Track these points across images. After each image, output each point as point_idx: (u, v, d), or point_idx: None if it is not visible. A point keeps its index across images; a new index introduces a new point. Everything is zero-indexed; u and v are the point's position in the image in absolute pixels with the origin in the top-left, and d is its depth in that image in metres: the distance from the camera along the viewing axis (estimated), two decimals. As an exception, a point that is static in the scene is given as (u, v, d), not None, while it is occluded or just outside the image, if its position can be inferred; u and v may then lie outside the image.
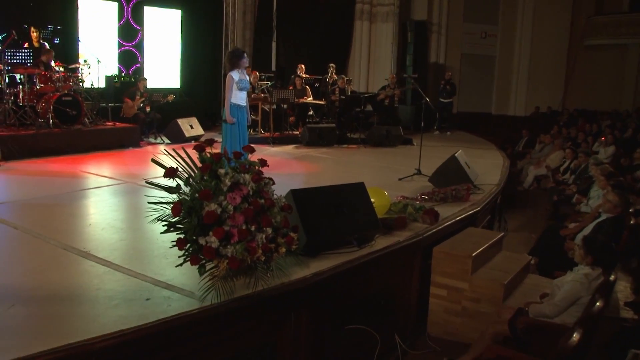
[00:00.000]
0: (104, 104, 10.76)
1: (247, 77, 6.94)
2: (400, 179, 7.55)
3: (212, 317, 3.10)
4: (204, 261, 3.22)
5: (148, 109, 10.91)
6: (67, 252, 4.06)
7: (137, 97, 10.75)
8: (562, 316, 3.92)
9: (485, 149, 11.86)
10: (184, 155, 3.36)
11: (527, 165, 12.67)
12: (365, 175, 8.26)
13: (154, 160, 3.36)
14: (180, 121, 10.76)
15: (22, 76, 9.20)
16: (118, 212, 5.41)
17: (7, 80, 9.35)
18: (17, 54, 9.92)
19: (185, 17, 14.10)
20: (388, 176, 7.92)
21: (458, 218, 5.57)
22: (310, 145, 10.72)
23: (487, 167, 8.84)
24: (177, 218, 3.20)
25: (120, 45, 12.83)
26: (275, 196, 3.59)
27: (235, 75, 6.64)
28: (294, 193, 4.01)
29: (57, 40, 11.32)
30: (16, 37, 9.49)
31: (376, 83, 16.27)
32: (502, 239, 5.67)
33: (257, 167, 3.57)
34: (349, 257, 4.07)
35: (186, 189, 3.31)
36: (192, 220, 3.17)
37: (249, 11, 15.07)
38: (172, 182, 3.33)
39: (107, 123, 10.19)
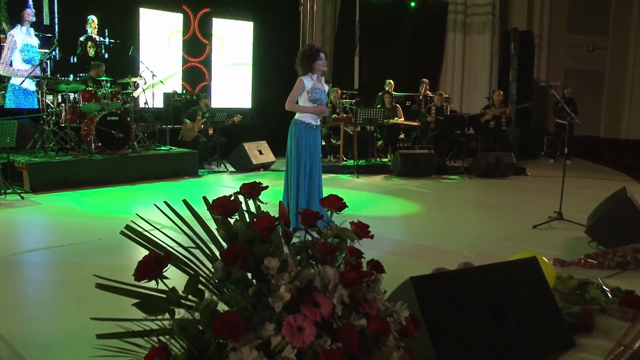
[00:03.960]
0: (162, 126, 9.30)
1: (325, 87, 5.08)
2: (535, 227, 5.43)
3: None
4: None
5: (211, 132, 9.36)
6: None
7: (199, 117, 9.22)
8: None
9: (614, 179, 9.40)
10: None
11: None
12: (482, 219, 6.20)
13: (98, 286, 1.58)
14: (246, 146, 9.10)
15: (74, 95, 7.94)
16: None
17: (59, 98, 8.08)
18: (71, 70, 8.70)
19: (258, 29, 12.58)
20: (515, 220, 5.82)
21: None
22: (403, 175, 8.73)
23: None
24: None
25: (185, 61, 11.45)
26: (385, 305, 1.70)
27: (307, 81, 4.80)
28: (418, 286, 2.07)
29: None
30: (57, 47, 8.20)
31: (472, 101, 14.20)
32: None
33: (348, 243, 1.70)
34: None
35: (194, 300, 1.48)
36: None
37: (329, 24, 13.50)
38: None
39: (161, 148, 8.66)
